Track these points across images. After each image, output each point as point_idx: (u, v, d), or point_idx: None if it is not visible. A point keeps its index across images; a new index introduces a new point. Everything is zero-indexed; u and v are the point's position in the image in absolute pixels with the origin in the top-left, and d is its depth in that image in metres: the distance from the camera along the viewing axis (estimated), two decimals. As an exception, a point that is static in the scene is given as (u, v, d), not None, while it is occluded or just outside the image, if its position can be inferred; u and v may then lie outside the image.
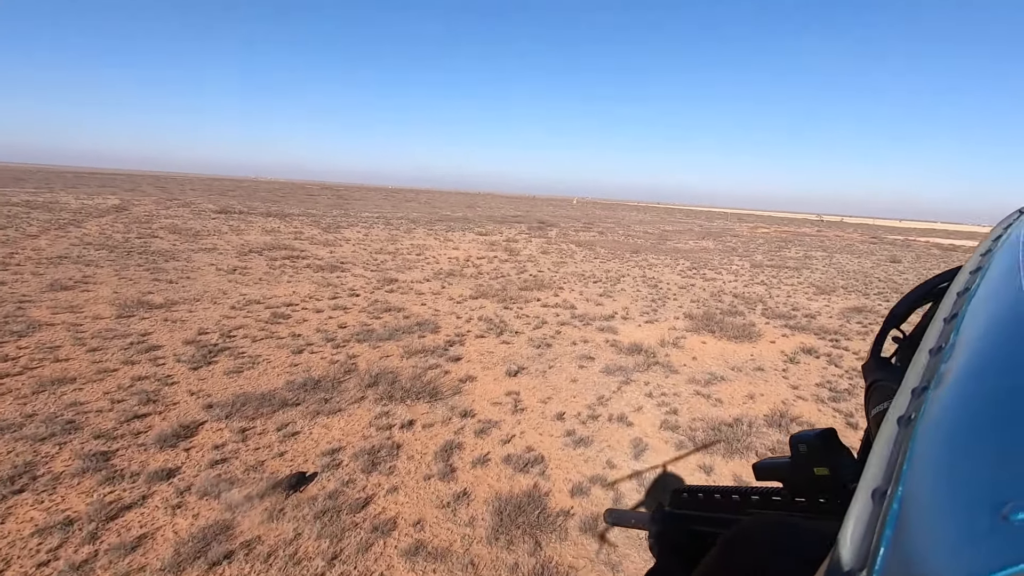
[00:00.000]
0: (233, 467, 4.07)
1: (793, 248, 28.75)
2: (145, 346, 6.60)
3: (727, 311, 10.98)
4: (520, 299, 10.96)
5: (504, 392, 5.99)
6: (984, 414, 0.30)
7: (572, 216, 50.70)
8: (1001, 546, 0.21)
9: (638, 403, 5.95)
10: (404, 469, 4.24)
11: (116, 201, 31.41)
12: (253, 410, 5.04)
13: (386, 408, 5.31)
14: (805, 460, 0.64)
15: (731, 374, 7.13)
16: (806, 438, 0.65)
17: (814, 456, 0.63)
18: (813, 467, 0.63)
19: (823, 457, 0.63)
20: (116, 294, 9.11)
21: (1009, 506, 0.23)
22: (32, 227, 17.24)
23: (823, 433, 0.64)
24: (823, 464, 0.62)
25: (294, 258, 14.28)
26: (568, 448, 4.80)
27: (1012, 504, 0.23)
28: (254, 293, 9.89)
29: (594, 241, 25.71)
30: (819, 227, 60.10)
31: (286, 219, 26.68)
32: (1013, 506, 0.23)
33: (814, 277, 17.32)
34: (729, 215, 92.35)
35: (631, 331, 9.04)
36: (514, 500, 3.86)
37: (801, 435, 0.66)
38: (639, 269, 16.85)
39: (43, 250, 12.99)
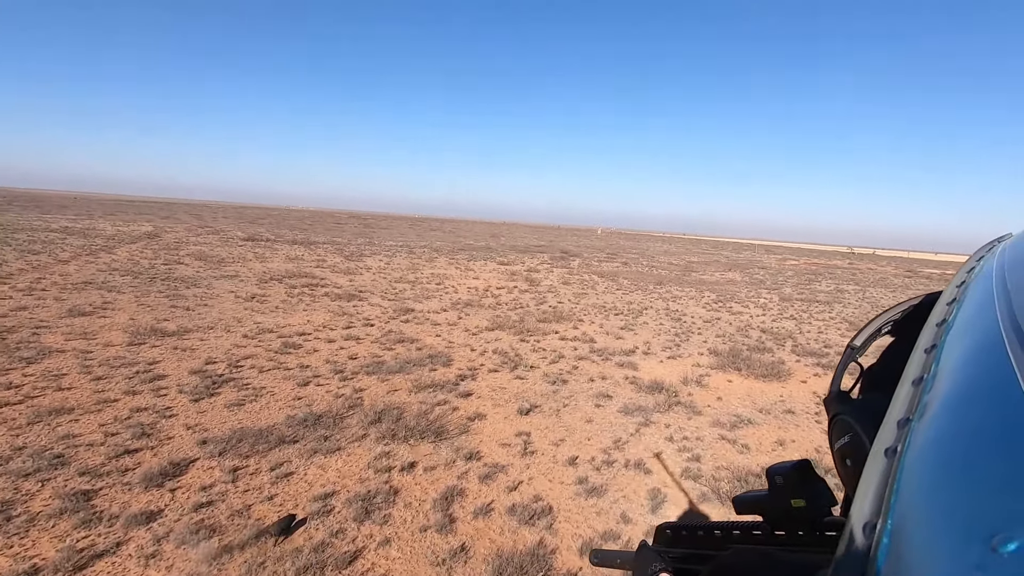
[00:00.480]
0: (218, 511, 3.81)
1: (824, 281, 27.88)
2: (150, 375, 6.47)
3: (754, 347, 10.47)
4: (538, 331, 10.64)
5: (514, 432, 5.65)
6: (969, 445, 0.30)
7: (596, 246, 50.42)
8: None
9: (657, 447, 5.54)
10: (400, 518, 3.93)
11: (149, 228, 32.31)
12: (249, 447, 4.80)
13: (387, 448, 5.02)
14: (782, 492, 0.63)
15: (759, 417, 6.66)
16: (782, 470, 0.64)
17: (790, 488, 0.62)
18: (790, 499, 0.62)
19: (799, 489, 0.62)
20: (132, 320, 9.10)
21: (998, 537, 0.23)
22: (65, 253, 17.69)
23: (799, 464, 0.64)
24: (800, 496, 0.62)
25: (313, 286, 14.27)
26: (579, 498, 4.42)
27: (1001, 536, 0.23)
28: (268, 322, 9.79)
29: (617, 272, 25.33)
30: (850, 259, 58.59)
31: (311, 247, 27.00)
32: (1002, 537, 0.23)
33: (847, 312, 16.62)
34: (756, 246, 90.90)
35: (652, 367, 8.63)
36: (516, 559, 3.50)
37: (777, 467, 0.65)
38: (662, 301, 16.40)
39: (70, 275, 13.21)
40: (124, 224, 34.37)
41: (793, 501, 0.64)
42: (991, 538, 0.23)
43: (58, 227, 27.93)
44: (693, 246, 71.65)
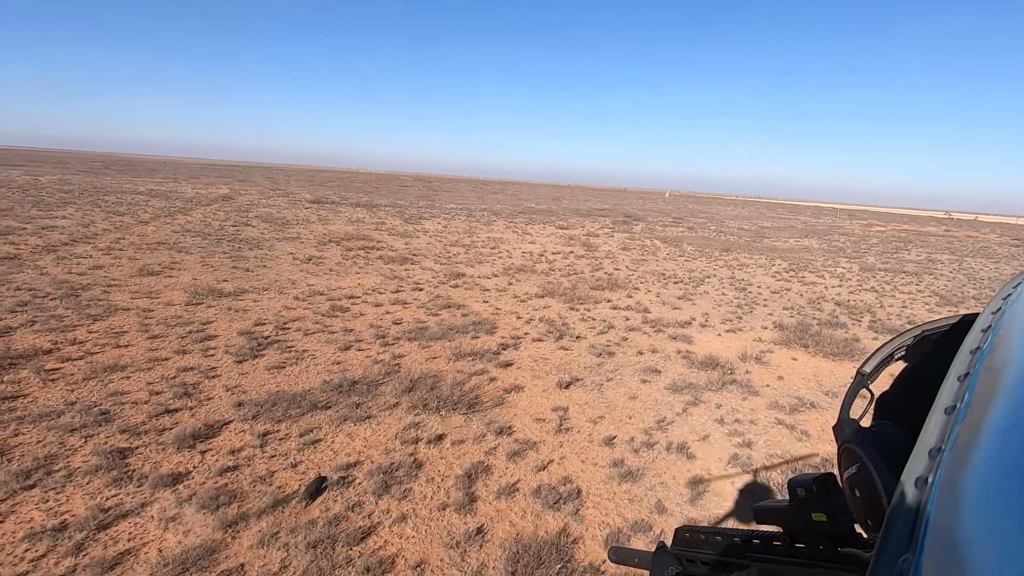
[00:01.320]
0: (242, 477, 3.82)
1: (914, 250, 25.52)
2: (202, 335, 6.67)
3: (826, 322, 9.64)
4: (589, 300, 10.26)
5: (551, 407, 5.41)
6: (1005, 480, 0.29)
7: (662, 210, 48.56)
8: None
9: (705, 430, 5.14)
10: (420, 494, 3.80)
11: (226, 191, 33.91)
12: (282, 411, 4.82)
13: (418, 418, 4.91)
14: (803, 505, 0.61)
15: (824, 400, 6.08)
16: (804, 483, 0.62)
17: (812, 502, 0.60)
18: (811, 512, 0.60)
19: (821, 503, 0.60)
20: (194, 280, 9.47)
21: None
22: (146, 214, 18.80)
23: (822, 478, 0.61)
24: (821, 510, 0.59)
25: (369, 249, 14.43)
26: (612, 482, 4.14)
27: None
28: (320, 284, 9.94)
29: (681, 237, 24.22)
30: (947, 226, 53.46)
31: (373, 209, 27.45)
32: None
33: (938, 285, 15.09)
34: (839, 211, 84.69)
35: (708, 341, 8.10)
36: (535, 546, 3.29)
37: (799, 479, 0.63)
38: (728, 269, 15.48)
39: (147, 236, 13.99)
40: (203, 187, 36.25)
41: (814, 515, 0.61)
42: None
43: (145, 190, 29.79)
44: (768, 210, 67.62)
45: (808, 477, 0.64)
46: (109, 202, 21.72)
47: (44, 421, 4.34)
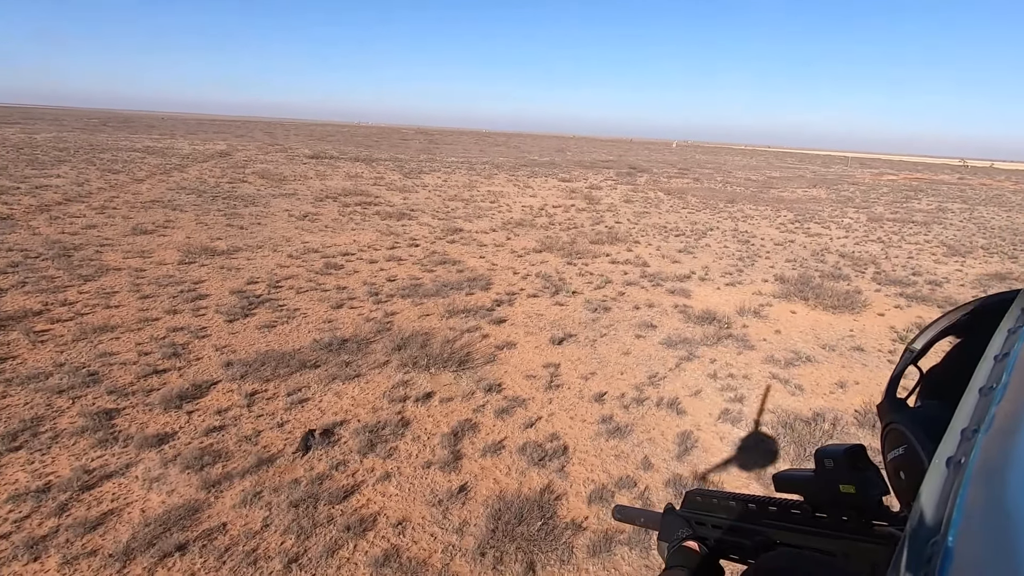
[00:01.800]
0: (227, 437, 3.82)
1: (924, 199, 24.97)
2: (193, 295, 6.63)
3: (828, 274, 9.49)
4: (588, 254, 10.11)
5: (543, 363, 5.37)
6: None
7: (668, 161, 47.57)
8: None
9: (697, 385, 5.10)
10: (405, 452, 3.80)
11: (223, 147, 33.38)
12: (271, 371, 4.81)
13: (407, 376, 4.89)
14: (831, 476, 0.59)
15: (821, 354, 6.01)
16: (833, 453, 0.60)
17: (840, 472, 0.58)
18: (839, 484, 0.58)
19: (849, 474, 0.58)
20: (188, 239, 9.38)
21: None
22: (141, 172, 18.55)
23: (851, 449, 0.59)
24: (849, 481, 0.57)
25: (366, 205, 14.23)
26: (600, 438, 4.13)
27: None
28: (315, 241, 9.83)
29: (686, 189, 23.76)
30: (961, 174, 52.16)
31: (372, 164, 27.00)
32: None
33: (947, 235, 14.79)
34: (850, 160, 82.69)
35: (707, 295, 7.99)
36: (518, 503, 3.29)
37: (827, 450, 0.61)
38: (732, 221, 15.21)
39: (142, 194, 13.83)
40: (201, 143, 35.70)
41: (842, 486, 0.58)
42: None
43: (141, 147, 29.36)
44: (777, 160, 66.13)
45: (838, 448, 0.61)
46: (104, 160, 21.43)
47: (32, 383, 4.34)
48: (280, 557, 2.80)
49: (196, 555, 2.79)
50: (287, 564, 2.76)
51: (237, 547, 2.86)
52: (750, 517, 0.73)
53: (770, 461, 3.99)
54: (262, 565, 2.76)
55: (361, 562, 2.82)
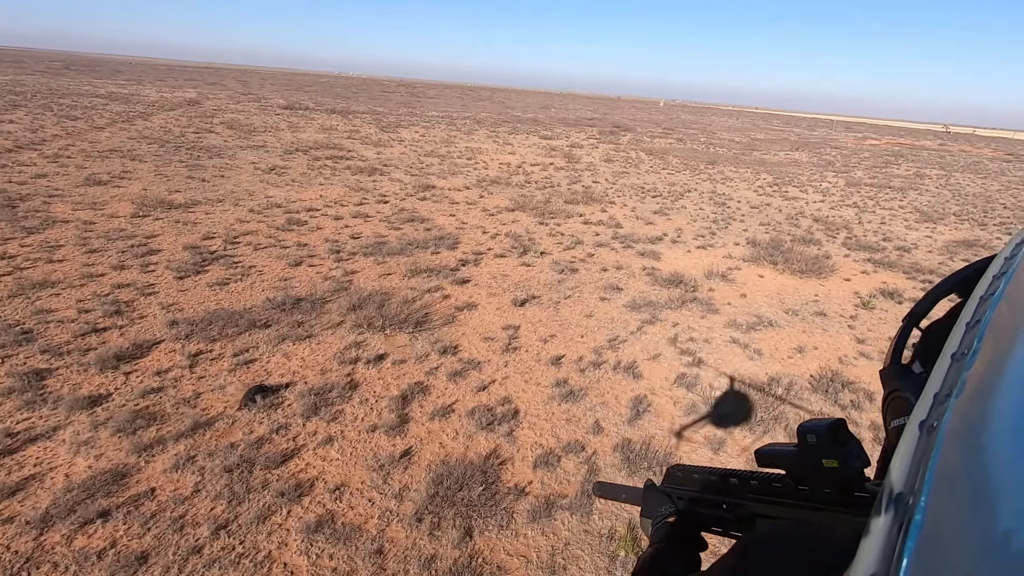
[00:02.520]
0: (165, 399, 3.68)
1: (904, 164, 25.00)
2: (144, 249, 6.36)
3: (800, 238, 9.46)
4: (561, 214, 9.93)
5: (502, 325, 5.27)
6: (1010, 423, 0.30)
7: (654, 120, 46.87)
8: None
9: (656, 349, 5.07)
10: (351, 416, 3.71)
11: (193, 95, 31.96)
12: (218, 330, 4.64)
13: (361, 337, 4.76)
14: (813, 451, 0.58)
15: (783, 318, 6.01)
16: (816, 428, 0.58)
17: (823, 448, 0.57)
18: (822, 459, 0.57)
19: (832, 449, 0.57)
20: (144, 191, 8.98)
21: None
22: (102, 119, 17.67)
23: (834, 424, 0.58)
24: (832, 456, 0.57)
25: (337, 159, 13.76)
26: (553, 402, 4.08)
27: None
28: (280, 196, 9.49)
29: (669, 149, 23.45)
30: (943, 140, 52.31)
31: (349, 116, 26.12)
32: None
33: (921, 200, 14.84)
34: (835, 123, 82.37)
35: (677, 258, 7.92)
36: (462, 468, 3.24)
37: (810, 425, 0.59)
38: (710, 183, 15.07)
39: (100, 143, 13.19)
40: (169, 91, 34.14)
41: (825, 461, 0.57)
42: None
43: (104, 93, 27.96)
44: (763, 121, 65.59)
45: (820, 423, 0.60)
46: (63, 105, 20.36)
47: (-41, 341, 4.13)
48: (208, 523, 2.72)
49: (120, 522, 2.69)
50: (215, 531, 2.68)
51: (164, 513, 2.77)
52: (732, 491, 0.73)
53: (722, 426, 3.98)
54: (188, 532, 2.67)
55: (293, 528, 2.75)
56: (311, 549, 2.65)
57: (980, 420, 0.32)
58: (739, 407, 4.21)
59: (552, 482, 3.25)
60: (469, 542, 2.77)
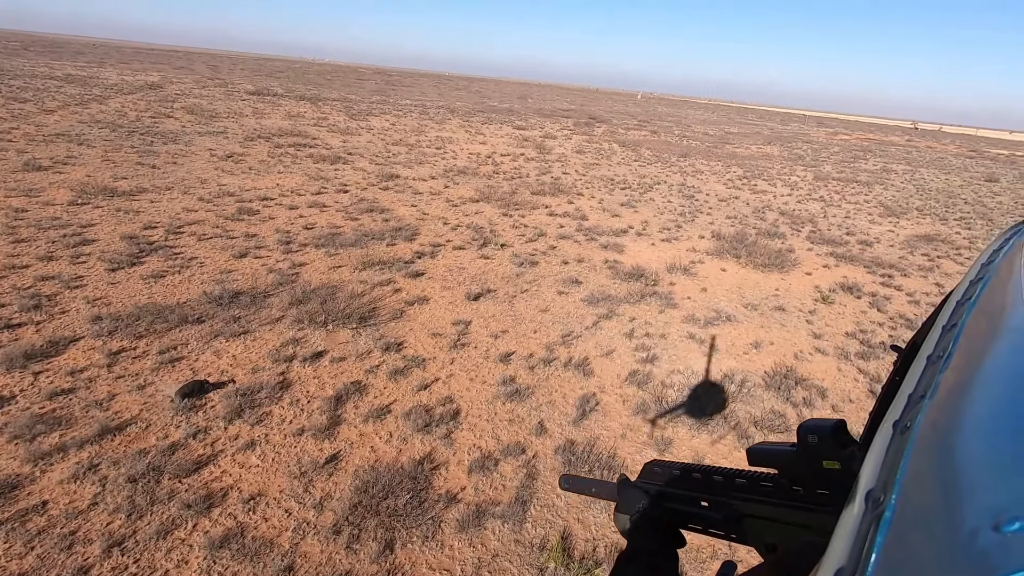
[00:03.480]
0: (74, 402, 3.41)
1: (872, 159, 25.39)
2: (78, 239, 5.99)
3: (765, 232, 9.44)
4: (527, 205, 9.75)
5: (453, 320, 5.08)
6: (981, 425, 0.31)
7: (629, 112, 46.87)
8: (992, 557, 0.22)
9: (611, 345, 4.93)
10: (278, 418, 3.49)
11: (156, 79, 30.82)
12: (145, 326, 4.36)
13: (300, 334, 4.52)
14: (814, 452, 0.58)
15: (742, 313, 5.93)
16: (818, 429, 0.58)
17: (824, 449, 0.57)
18: (822, 460, 0.57)
19: (834, 450, 0.57)
20: (87, 178, 8.52)
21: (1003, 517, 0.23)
22: (54, 102, 16.87)
23: (838, 426, 0.58)
24: (834, 458, 0.57)
25: (300, 146, 13.34)
26: (497, 402, 3.91)
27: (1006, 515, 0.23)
28: (234, 184, 9.11)
29: (642, 141, 23.40)
30: (911, 136, 53.45)
31: (318, 103, 25.47)
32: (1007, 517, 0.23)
33: (886, 195, 15.02)
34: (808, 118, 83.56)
35: (640, 251, 7.81)
36: (391, 474, 3.05)
37: (812, 425, 0.58)
38: (680, 176, 15.02)
39: (47, 127, 12.54)
40: (131, 74, 32.88)
41: (826, 462, 0.56)
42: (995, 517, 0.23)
43: (61, 75, 26.79)
44: (738, 115, 66.19)
45: (823, 424, 0.58)
46: (13, 87, 19.39)
47: None
48: (102, 540, 2.49)
49: (1, 540, 2.44)
50: (107, 548, 2.46)
51: (53, 529, 2.53)
52: (716, 489, 0.71)
53: (671, 424, 3.86)
54: (78, 550, 2.44)
55: (197, 544, 2.54)
56: (213, 567, 2.44)
57: (952, 421, 0.32)
58: (690, 406, 4.10)
59: (487, 488, 3.08)
60: (389, 556, 2.59)
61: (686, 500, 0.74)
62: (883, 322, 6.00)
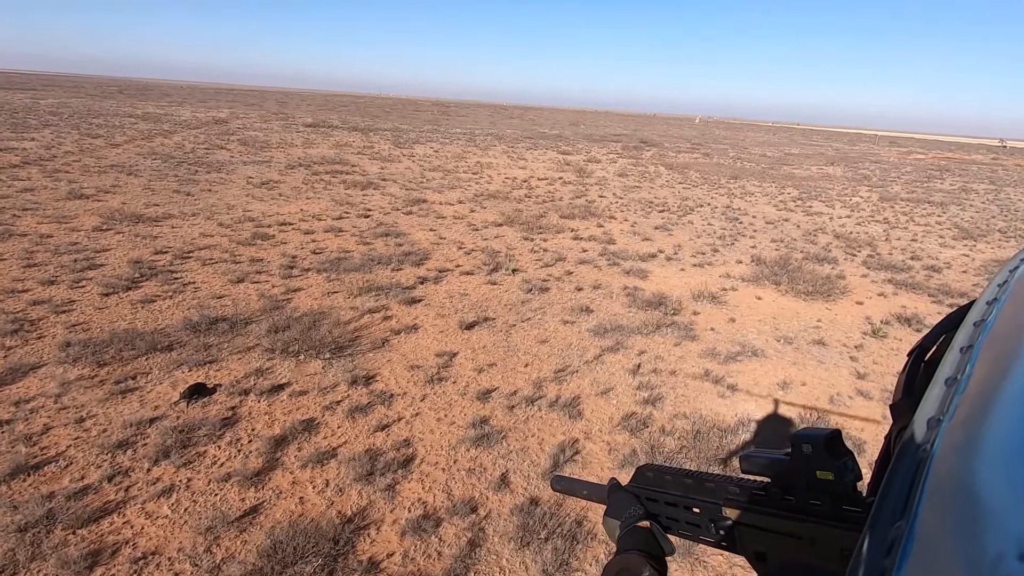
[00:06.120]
0: (4, 436, 3.21)
1: (949, 179, 23.36)
2: (86, 264, 6.05)
3: (814, 256, 8.56)
4: (552, 229, 9.31)
5: (438, 351, 4.67)
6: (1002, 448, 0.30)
7: (684, 136, 45.79)
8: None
9: (610, 382, 4.37)
10: (211, 460, 3.16)
11: (224, 115, 32.80)
12: (113, 353, 4.19)
13: (269, 363, 4.24)
14: (808, 461, 0.57)
15: (774, 347, 5.21)
16: (812, 438, 0.57)
17: (819, 459, 0.57)
18: (816, 470, 0.57)
19: (828, 461, 0.56)
20: (122, 205, 8.81)
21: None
22: (123, 137, 18.06)
23: (832, 436, 0.57)
24: (827, 468, 0.56)
25: (337, 173, 13.52)
26: (461, 447, 3.44)
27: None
28: (259, 209, 9.19)
29: (691, 164, 22.53)
30: (997, 154, 49.32)
31: (369, 133, 26.19)
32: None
33: (963, 216, 13.57)
34: (878, 138, 79.05)
35: (666, 276, 7.18)
36: (310, 533, 2.63)
37: (805, 435, 0.58)
38: (727, 198, 14.17)
39: (106, 159, 13.30)
40: (205, 111, 35.19)
41: (819, 472, 0.56)
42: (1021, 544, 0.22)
43: (140, 113, 28.93)
44: (802, 137, 63.43)
45: (818, 433, 0.56)
46: (93, 125, 21.00)
47: None
48: (-41, 602, 2.19)
49: None
50: (-40, 613, 2.16)
51: (-87, 586, 2.26)
52: (708, 495, 0.69)
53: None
54: (-71, 613, 2.15)
55: (60, 613, 2.20)
56: (67, 644, 2.08)
57: (971, 445, 0.31)
58: (686, 456, 3.47)
59: (418, 555, 2.61)
60: (275, 641, 2.16)
61: (677, 506, 0.73)
62: (946, 361, 5.10)
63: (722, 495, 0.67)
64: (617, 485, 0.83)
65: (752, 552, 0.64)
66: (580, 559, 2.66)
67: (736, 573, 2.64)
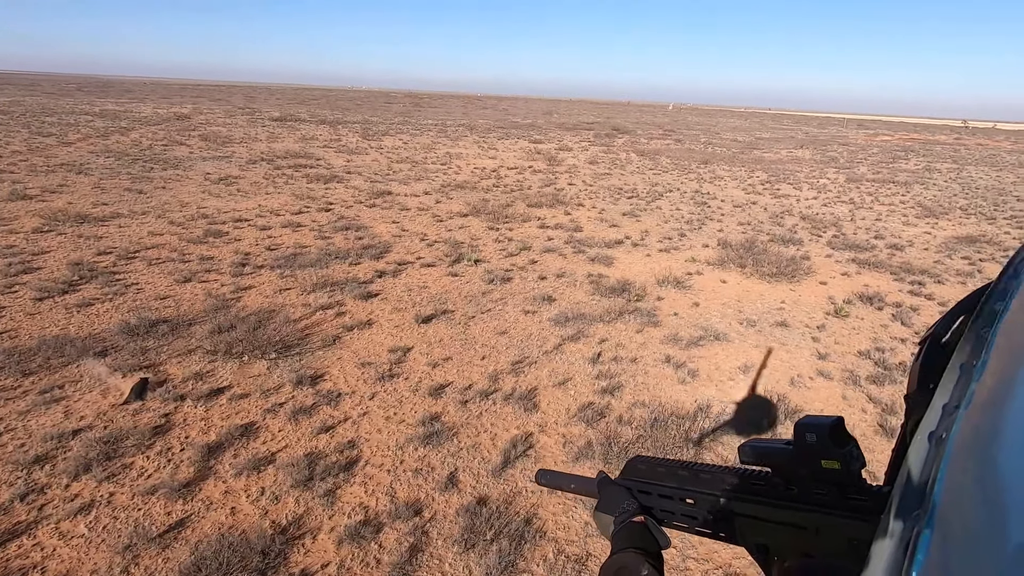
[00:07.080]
0: (-91, 453, 2.97)
1: (913, 159, 23.78)
2: (21, 268, 5.72)
3: (779, 238, 8.56)
4: (518, 218, 9.16)
5: (391, 347, 4.51)
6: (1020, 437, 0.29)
7: (657, 123, 45.89)
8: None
9: (569, 372, 4.25)
10: (137, 472, 2.96)
11: (187, 111, 31.82)
12: (40, 362, 3.94)
13: (208, 366, 4.03)
14: (813, 451, 0.55)
15: (736, 331, 5.15)
16: (817, 427, 0.55)
17: (824, 447, 0.55)
18: (821, 459, 0.55)
19: (833, 450, 0.55)
20: (67, 205, 8.40)
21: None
22: (77, 135, 17.35)
23: (837, 424, 0.56)
24: (833, 457, 0.55)
25: (299, 167, 13.15)
26: (409, 447, 3.29)
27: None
28: (214, 206, 8.86)
29: (662, 150, 22.54)
30: (959, 134, 50.46)
31: (337, 126, 25.65)
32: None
33: (926, 195, 13.78)
34: (848, 121, 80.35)
35: (632, 263, 7.09)
36: (239, 546, 2.47)
37: (810, 423, 0.56)
38: (696, 183, 14.17)
39: (56, 158, 12.74)
40: (167, 107, 34.09)
41: (824, 462, 0.55)
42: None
43: (97, 111, 27.87)
44: (773, 122, 64.08)
45: (822, 421, 0.55)
46: (46, 123, 20.15)
47: None
48: None
49: None
50: None
51: None
52: (705, 486, 0.68)
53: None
54: None
55: (-49, 649, 2.01)
56: None
57: (990, 432, 0.31)
58: (644, 446, 3.38)
59: (356, 565, 2.46)
60: (190, 667, 1.99)
61: (672, 498, 0.72)
62: (906, 337, 5.11)
63: (719, 486, 0.67)
64: (607, 478, 0.82)
65: (753, 543, 0.63)
66: (528, 559, 2.55)
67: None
